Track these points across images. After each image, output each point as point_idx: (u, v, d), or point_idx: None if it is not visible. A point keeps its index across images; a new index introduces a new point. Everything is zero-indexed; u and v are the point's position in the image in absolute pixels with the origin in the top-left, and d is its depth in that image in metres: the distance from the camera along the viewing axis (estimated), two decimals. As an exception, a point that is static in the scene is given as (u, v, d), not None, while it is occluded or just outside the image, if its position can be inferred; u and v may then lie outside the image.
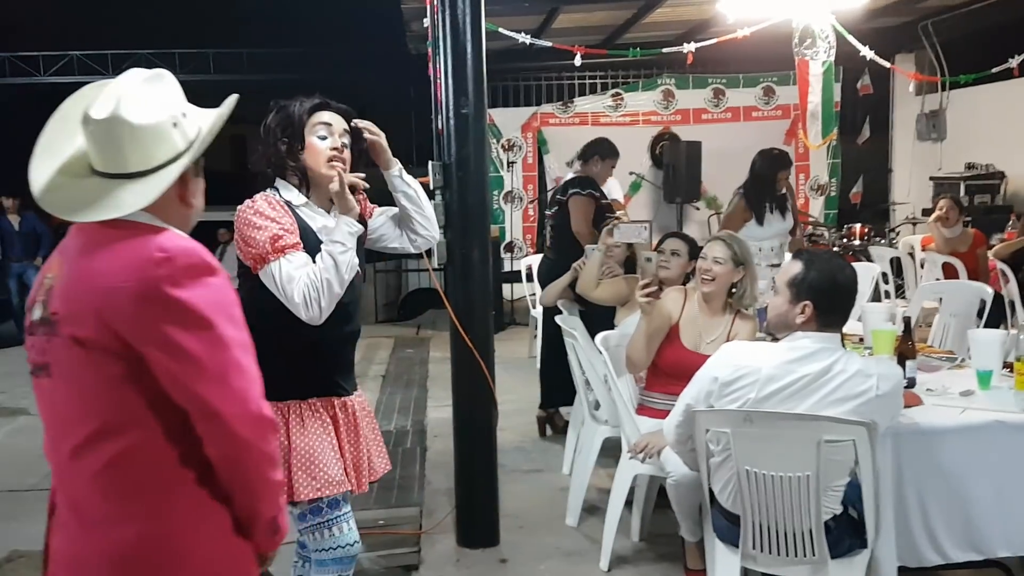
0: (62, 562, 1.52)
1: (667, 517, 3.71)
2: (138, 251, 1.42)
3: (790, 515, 2.38)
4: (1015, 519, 2.56)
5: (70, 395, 1.48)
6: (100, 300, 1.42)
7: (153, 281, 1.40)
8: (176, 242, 1.45)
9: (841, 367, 2.35)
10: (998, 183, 8.07)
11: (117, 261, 1.43)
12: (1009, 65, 6.66)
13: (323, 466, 2.27)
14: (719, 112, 9.78)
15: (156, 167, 1.49)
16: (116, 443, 1.45)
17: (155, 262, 1.41)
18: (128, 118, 1.46)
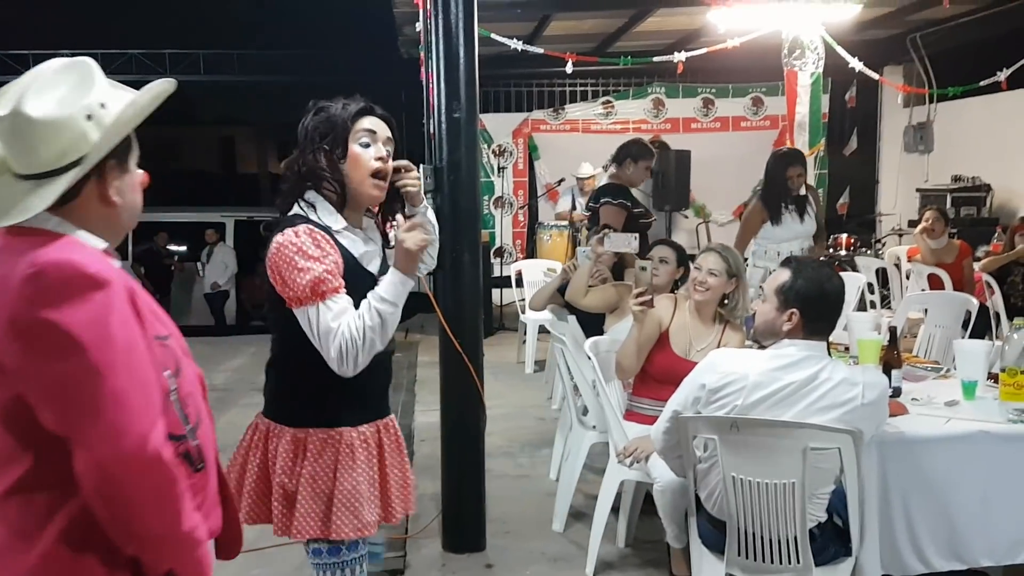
0: None
1: (653, 523, 3.72)
2: (16, 268, 1.27)
3: (775, 522, 2.39)
4: (998, 529, 2.58)
5: None
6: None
7: (21, 302, 1.25)
8: (54, 255, 1.28)
9: (827, 375, 2.37)
10: (984, 195, 8.15)
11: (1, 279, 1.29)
12: (997, 78, 6.73)
13: (365, 505, 2.09)
14: (708, 121, 9.84)
15: (68, 164, 1.35)
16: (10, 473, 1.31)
17: (24, 280, 1.25)
18: (29, 113, 1.32)
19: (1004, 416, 2.60)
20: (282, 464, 2.07)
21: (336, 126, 2.08)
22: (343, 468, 2.07)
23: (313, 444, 2.06)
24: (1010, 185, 8.12)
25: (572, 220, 7.96)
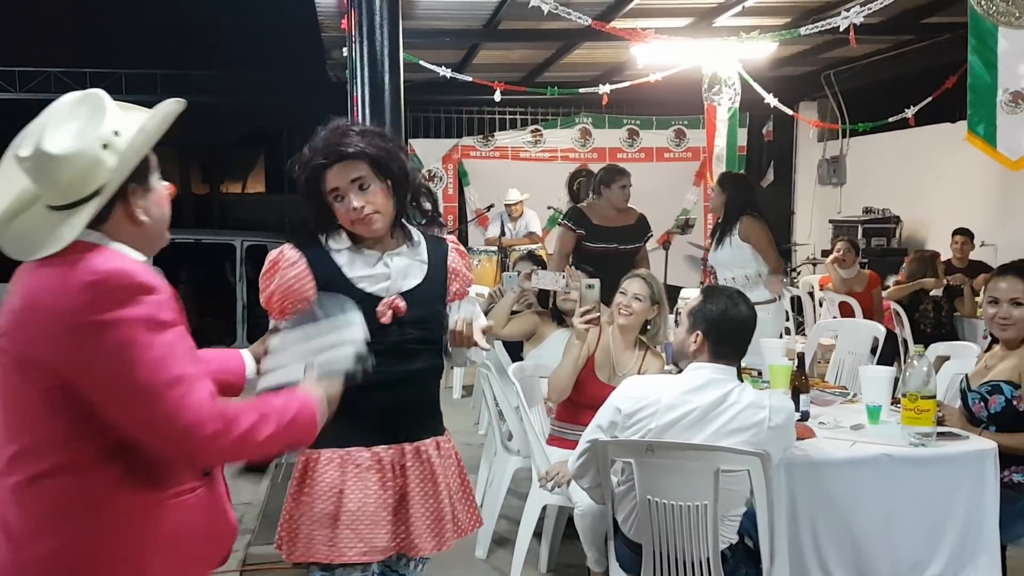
0: None
1: (575, 548, 3.74)
2: (73, 274, 1.42)
3: (689, 544, 2.45)
4: (901, 548, 2.68)
5: (4, 410, 1.49)
6: (34, 320, 1.43)
7: (82, 306, 1.40)
8: (112, 264, 1.44)
9: (735, 398, 2.45)
10: (894, 227, 8.51)
11: (55, 283, 1.43)
12: (905, 115, 7.07)
13: (373, 527, 2.05)
14: (633, 152, 10.05)
15: (92, 193, 1.48)
16: (43, 461, 1.45)
17: (85, 286, 1.41)
18: (49, 150, 1.45)
19: (906, 440, 2.72)
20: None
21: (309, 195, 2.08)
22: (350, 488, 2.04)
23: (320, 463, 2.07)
24: (918, 217, 8.50)
25: (501, 245, 8.02)
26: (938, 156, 7.99)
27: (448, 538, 2.17)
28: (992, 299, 2.98)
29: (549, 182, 9.64)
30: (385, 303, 2.07)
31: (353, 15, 3.59)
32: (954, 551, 2.70)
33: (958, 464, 2.70)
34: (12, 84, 12.42)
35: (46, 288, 1.43)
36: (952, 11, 6.60)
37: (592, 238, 5.02)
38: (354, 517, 2.04)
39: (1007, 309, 2.94)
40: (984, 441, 2.76)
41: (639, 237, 5.19)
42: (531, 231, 8.36)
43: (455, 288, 2.22)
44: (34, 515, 1.46)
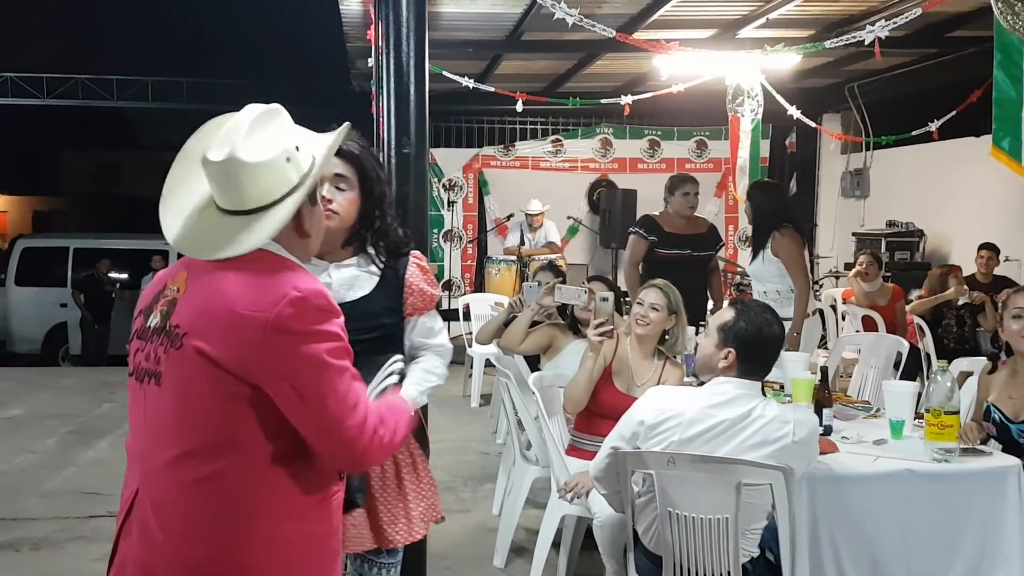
0: (132, 563, 1.55)
1: (593, 559, 3.74)
2: (274, 286, 1.50)
3: (710, 557, 2.44)
4: (918, 562, 2.65)
5: (179, 406, 1.51)
6: (231, 324, 1.48)
7: (287, 318, 1.47)
8: (310, 284, 1.53)
9: (759, 412, 2.44)
10: (917, 240, 8.44)
11: (253, 291, 1.49)
12: (929, 128, 7.02)
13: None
14: (654, 162, 10.05)
15: (273, 202, 1.55)
16: (215, 462, 1.50)
17: (291, 300, 1.48)
18: (243, 158, 1.51)
19: (929, 455, 2.70)
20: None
21: None
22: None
23: None
24: (941, 231, 8.43)
25: (520, 255, 8.04)
26: (962, 170, 7.93)
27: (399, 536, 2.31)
28: (1018, 313, 2.95)
29: (569, 192, 9.67)
30: None
31: (380, 26, 3.61)
32: (970, 567, 2.67)
33: (980, 481, 2.68)
34: (40, 90, 12.63)
35: (243, 296, 1.49)
36: (977, 25, 6.56)
37: (664, 244, 5.02)
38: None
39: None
40: (1008, 458, 2.73)
41: (711, 246, 5.19)
42: (551, 241, 8.38)
43: (411, 302, 2.24)
44: (197, 514, 1.50)
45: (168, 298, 1.56)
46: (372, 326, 2.16)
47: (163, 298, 1.57)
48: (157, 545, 1.51)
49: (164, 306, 1.56)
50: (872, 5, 6.39)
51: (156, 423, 1.54)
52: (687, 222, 5.12)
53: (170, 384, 1.52)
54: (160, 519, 1.51)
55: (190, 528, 1.50)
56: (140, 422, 1.58)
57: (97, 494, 4.76)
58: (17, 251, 11.44)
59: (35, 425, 6.35)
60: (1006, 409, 2.97)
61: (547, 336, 4.09)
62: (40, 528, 4.19)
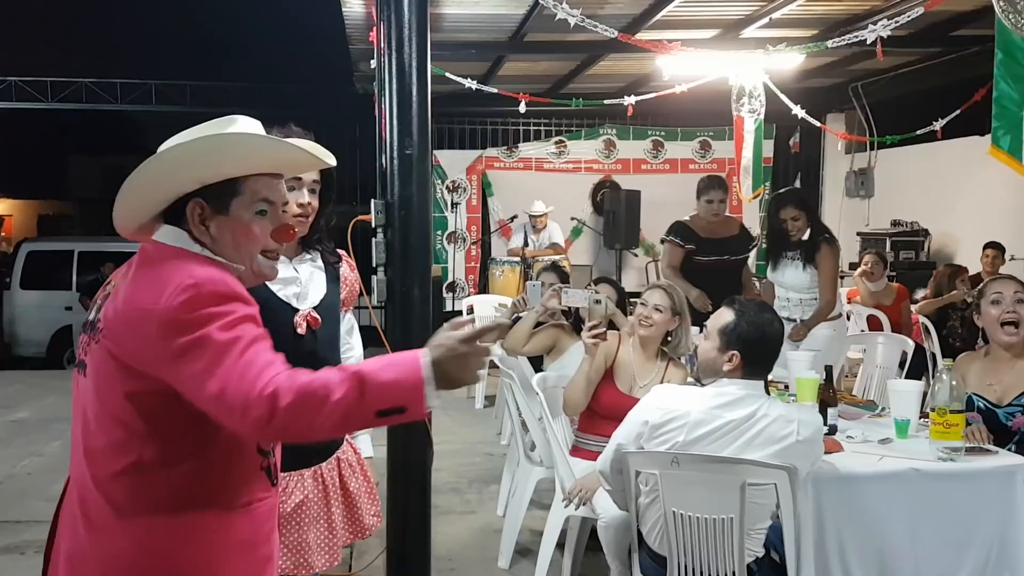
0: (62, 553, 1.59)
1: (597, 560, 3.74)
2: (171, 277, 1.48)
3: (715, 557, 2.44)
4: (925, 562, 2.64)
5: (97, 399, 1.54)
6: (130, 320, 1.49)
7: (176, 307, 1.44)
8: (209, 273, 1.49)
9: (764, 412, 2.44)
10: (922, 240, 8.43)
11: (152, 284, 1.49)
12: (933, 128, 7.00)
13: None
14: (658, 163, 10.04)
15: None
16: (128, 455, 1.51)
17: (182, 288, 1.45)
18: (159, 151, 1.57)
19: (934, 454, 2.69)
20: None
21: None
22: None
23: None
24: (946, 231, 8.41)
25: (524, 256, 8.04)
26: (967, 169, 7.91)
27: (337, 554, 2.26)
28: (996, 299, 2.94)
29: (572, 193, 9.67)
30: (301, 315, 2.18)
31: (382, 27, 3.61)
32: (976, 567, 2.66)
33: (987, 480, 2.67)
34: (44, 94, 12.65)
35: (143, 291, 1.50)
36: (980, 24, 6.55)
37: (701, 251, 4.90)
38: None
39: (1014, 306, 2.91)
40: (1015, 457, 2.73)
41: (745, 247, 5.06)
42: (554, 242, 8.38)
43: (344, 295, 2.36)
44: (114, 507, 1.51)
45: (106, 293, 1.61)
46: (334, 320, 2.31)
47: (104, 292, 1.62)
48: (80, 537, 1.54)
49: (100, 300, 1.61)
50: (875, 4, 6.38)
51: (82, 414, 1.58)
52: (719, 225, 5.00)
53: (91, 377, 1.56)
54: (83, 509, 1.54)
55: (109, 521, 1.51)
56: (75, 412, 1.62)
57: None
58: (22, 255, 11.46)
59: (41, 429, 6.36)
60: (989, 396, 2.98)
61: (551, 337, 4.08)
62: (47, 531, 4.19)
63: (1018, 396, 2.93)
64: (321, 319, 2.23)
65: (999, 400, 2.97)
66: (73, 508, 1.57)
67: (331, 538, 2.23)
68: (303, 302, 2.22)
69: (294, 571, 2.15)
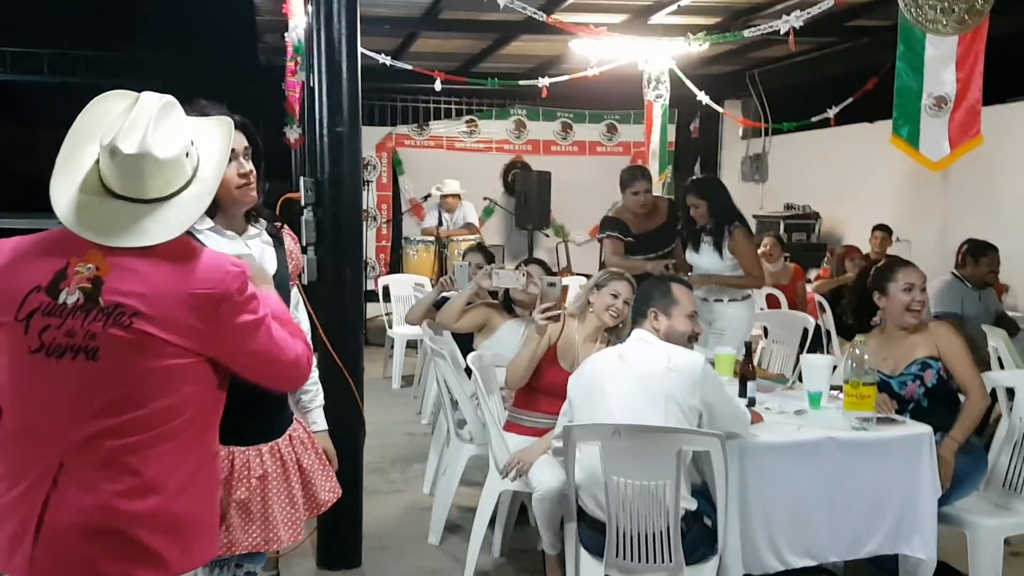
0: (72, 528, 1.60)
1: (525, 533, 3.85)
2: (213, 264, 1.68)
3: (650, 519, 2.57)
4: (842, 527, 2.84)
5: (121, 378, 1.60)
6: (182, 303, 1.61)
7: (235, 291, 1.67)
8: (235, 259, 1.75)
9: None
10: (814, 223, 8.85)
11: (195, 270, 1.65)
12: (827, 115, 7.36)
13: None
14: (567, 144, 10.19)
15: (171, 194, 1.67)
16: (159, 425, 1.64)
17: (235, 275, 1.68)
18: (156, 154, 1.62)
19: (848, 424, 2.89)
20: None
21: None
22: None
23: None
24: (836, 214, 8.87)
25: (439, 236, 8.05)
26: (856, 155, 8.36)
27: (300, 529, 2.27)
28: (908, 286, 3.18)
29: (484, 173, 9.71)
30: None
31: (311, 1, 3.57)
32: (890, 530, 2.88)
33: (896, 447, 2.88)
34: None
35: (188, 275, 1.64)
36: (874, 15, 6.91)
37: (635, 248, 4.89)
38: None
39: (921, 294, 3.17)
40: (921, 426, 2.96)
41: (673, 234, 4.96)
42: (468, 222, 8.41)
43: (291, 266, 2.38)
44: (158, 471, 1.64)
45: (84, 275, 1.59)
46: (287, 294, 2.28)
47: (75, 276, 1.59)
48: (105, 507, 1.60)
49: (83, 283, 1.58)
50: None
51: (84, 395, 1.59)
52: (647, 216, 4.96)
53: (112, 358, 1.58)
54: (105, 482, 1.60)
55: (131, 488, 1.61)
56: (50, 396, 1.60)
57: None
58: None
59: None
60: (885, 368, 3.22)
61: (482, 315, 4.14)
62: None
63: (908, 366, 3.18)
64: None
65: (892, 371, 3.21)
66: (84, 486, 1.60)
67: (293, 513, 2.23)
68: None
69: (264, 546, 2.15)
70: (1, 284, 1.64)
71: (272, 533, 2.19)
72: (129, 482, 1.62)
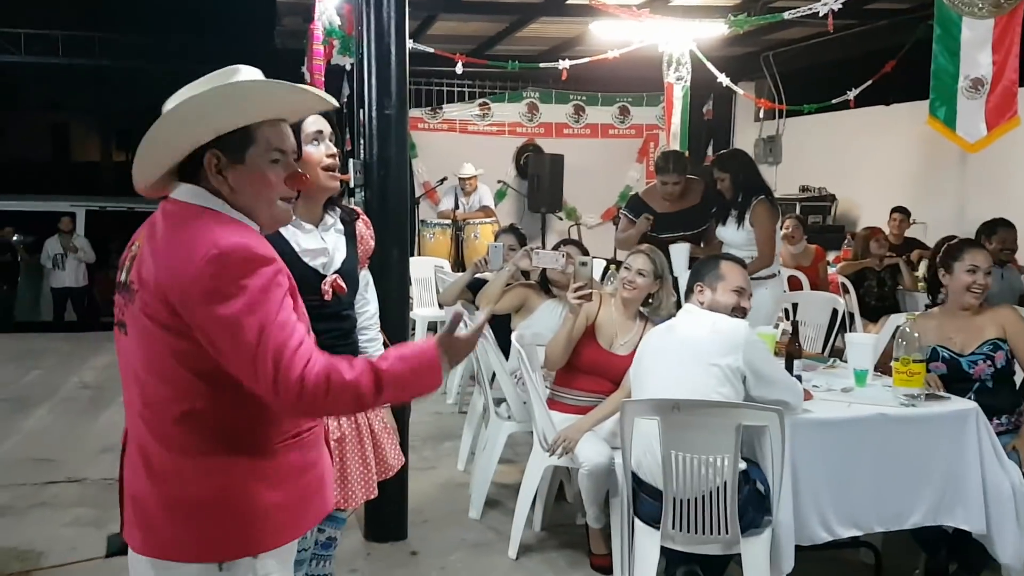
0: (130, 498, 1.69)
1: (563, 509, 3.93)
2: (196, 244, 1.54)
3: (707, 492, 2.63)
4: (888, 499, 2.90)
5: (141, 357, 1.64)
6: (159, 284, 1.57)
7: (207, 278, 1.52)
8: (230, 239, 1.55)
9: None
10: (830, 205, 8.88)
11: (178, 249, 1.57)
12: (847, 97, 7.38)
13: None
14: (579, 127, 10.20)
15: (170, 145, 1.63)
16: (178, 406, 1.60)
17: (209, 260, 1.52)
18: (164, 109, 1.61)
19: (896, 400, 2.95)
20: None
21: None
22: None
23: None
24: (851, 196, 8.91)
25: (455, 219, 8.08)
26: (871, 137, 8.38)
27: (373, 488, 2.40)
28: (972, 268, 3.24)
29: (497, 156, 9.71)
30: (328, 283, 2.26)
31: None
32: (934, 502, 2.94)
33: (943, 423, 2.94)
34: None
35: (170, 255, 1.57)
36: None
37: (659, 227, 4.88)
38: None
39: (984, 278, 3.22)
40: (967, 402, 3.02)
41: (703, 220, 4.94)
42: (484, 205, 8.43)
43: (360, 251, 2.45)
44: (176, 453, 1.61)
45: (131, 254, 1.67)
46: (354, 281, 2.38)
47: (130, 254, 1.68)
48: (146, 485, 1.64)
49: (128, 261, 1.67)
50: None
51: (128, 370, 1.68)
52: (680, 198, 4.93)
53: (133, 337, 1.64)
54: (144, 460, 1.64)
55: (169, 467, 1.61)
56: (121, 369, 1.71)
57: (49, 460, 4.63)
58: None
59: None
60: (953, 347, 3.28)
61: (520, 296, 4.19)
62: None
63: (979, 346, 3.23)
64: (344, 284, 2.31)
65: (962, 350, 3.27)
66: (134, 459, 1.68)
67: (366, 473, 2.35)
68: (329, 269, 2.30)
69: (341, 504, 2.30)
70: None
71: (349, 491, 2.33)
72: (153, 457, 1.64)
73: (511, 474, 4.22)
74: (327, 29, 5.67)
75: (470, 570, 3.48)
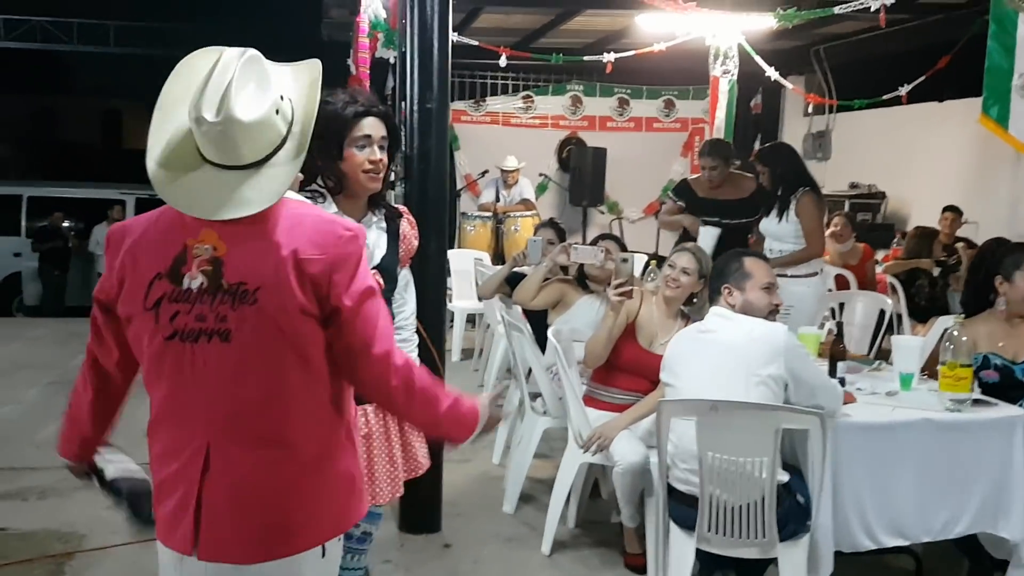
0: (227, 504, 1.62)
1: (597, 506, 3.90)
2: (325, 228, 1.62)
3: (745, 497, 2.58)
4: (933, 507, 2.84)
5: (258, 358, 1.59)
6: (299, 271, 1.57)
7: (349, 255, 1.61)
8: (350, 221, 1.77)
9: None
10: (879, 202, 8.70)
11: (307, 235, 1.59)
12: (899, 93, 7.21)
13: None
14: (623, 120, 10.10)
15: (265, 157, 1.57)
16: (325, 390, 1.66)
17: (348, 239, 1.62)
18: (240, 117, 1.51)
19: (942, 405, 2.87)
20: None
21: (337, 127, 2.22)
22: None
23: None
24: (902, 194, 8.72)
25: (495, 211, 8.08)
26: (923, 134, 8.19)
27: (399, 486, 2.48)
28: None
29: (539, 149, 9.66)
30: None
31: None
32: (980, 510, 2.87)
33: (990, 430, 2.86)
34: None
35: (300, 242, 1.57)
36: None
37: (692, 210, 4.94)
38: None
39: None
40: (1015, 409, 2.93)
41: (747, 214, 4.93)
42: (525, 198, 8.42)
43: (403, 252, 2.48)
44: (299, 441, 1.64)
45: (203, 258, 1.56)
46: (392, 279, 2.41)
47: (194, 259, 1.56)
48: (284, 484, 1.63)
49: (204, 266, 1.56)
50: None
51: (221, 377, 1.59)
52: (725, 187, 4.96)
53: (246, 338, 1.56)
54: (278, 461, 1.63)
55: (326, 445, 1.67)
56: (191, 380, 1.60)
57: (94, 444, 4.72)
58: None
59: (12, 375, 6.24)
60: (1005, 354, 3.19)
61: (558, 292, 4.16)
62: (43, 477, 4.15)
63: None
64: (382, 280, 2.32)
65: (1015, 357, 3.17)
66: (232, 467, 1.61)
67: (393, 472, 2.36)
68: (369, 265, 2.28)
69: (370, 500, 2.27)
70: (125, 276, 1.62)
71: (376, 488, 2.33)
72: (272, 455, 1.62)
73: (546, 469, 4.20)
74: (372, 22, 5.69)
75: (503, 564, 3.47)
